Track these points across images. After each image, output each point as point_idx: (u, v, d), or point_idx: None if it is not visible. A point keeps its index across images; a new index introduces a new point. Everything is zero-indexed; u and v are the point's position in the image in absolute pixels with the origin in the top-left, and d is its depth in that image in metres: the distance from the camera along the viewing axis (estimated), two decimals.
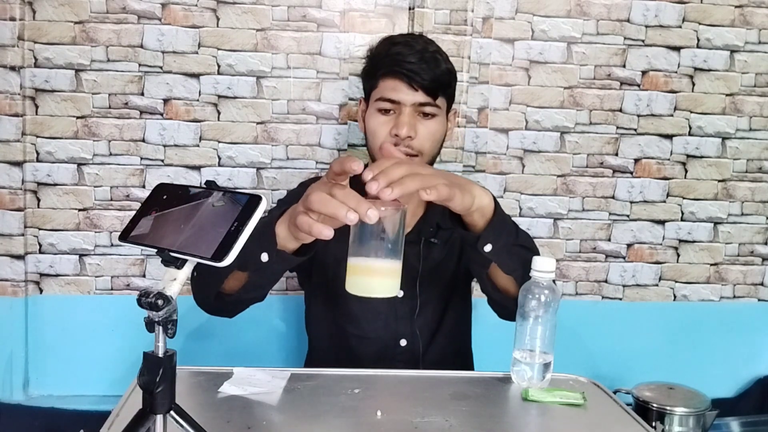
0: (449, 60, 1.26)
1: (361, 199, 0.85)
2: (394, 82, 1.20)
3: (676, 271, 1.84)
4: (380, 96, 1.22)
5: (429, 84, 1.19)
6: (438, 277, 1.32)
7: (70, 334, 1.67)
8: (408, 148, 1.20)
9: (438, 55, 1.23)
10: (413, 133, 1.20)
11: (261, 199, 0.65)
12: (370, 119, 1.25)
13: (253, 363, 1.13)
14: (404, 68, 1.19)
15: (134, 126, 1.64)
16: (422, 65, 1.19)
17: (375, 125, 1.23)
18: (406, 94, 1.20)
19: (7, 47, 1.56)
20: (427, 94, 1.20)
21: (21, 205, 1.62)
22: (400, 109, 1.21)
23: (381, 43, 1.27)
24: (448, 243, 1.33)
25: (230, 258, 0.62)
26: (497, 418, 0.96)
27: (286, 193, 1.38)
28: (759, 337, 1.87)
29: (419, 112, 1.21)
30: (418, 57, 1.19)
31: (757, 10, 1.75)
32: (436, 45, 1.26)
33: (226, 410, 0.93)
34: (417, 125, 1.21)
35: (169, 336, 0.65)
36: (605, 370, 1.73)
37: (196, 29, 1.63)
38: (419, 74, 1.18)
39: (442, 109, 1.25)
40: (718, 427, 1.57)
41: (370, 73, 1.26)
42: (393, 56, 1.20)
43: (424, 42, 1.24)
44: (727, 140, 1.80)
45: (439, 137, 1.26)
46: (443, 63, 1.23)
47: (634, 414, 0.97)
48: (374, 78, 1.24)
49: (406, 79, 1.19)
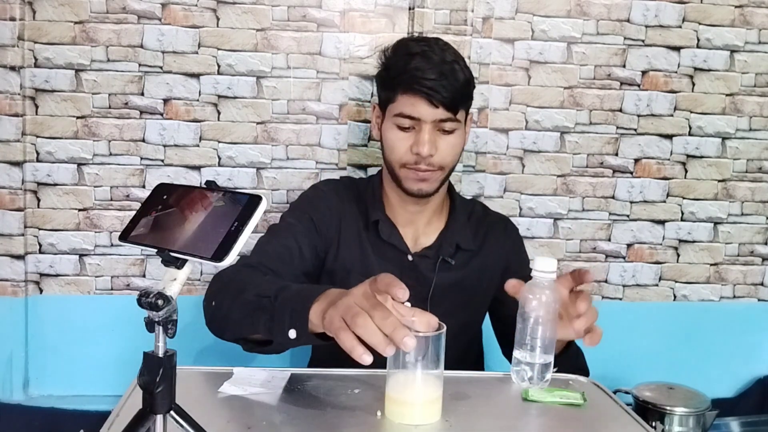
0: (466, 66, 1.24)
1: (398, 325, 0.78)
2: (413, 99, 1.19)
3: (676, 271, 1.84)
4: (399, 112, 1.21)
5: (449, 101, 1.18)
6: (451, 297, 1.31)
7: (70, 334, 1.67)
8: (429, 166, 1.21)
9: (456, 65, 1.21)
10: (434, 151, 1.20)
11: (261, 199, 0.65)
12: (388, 132, 1.24)
13: (253, 363, 1.14)
14: (424, 86, 1.17)
15: (134, 126, 1.64)
16: (442, 81, 1.17)
17: (394, 140, 1.23)
18: (426, 111, 1.18)
19: (7, 47, 1.56)
20: (447, 110, 1.19)
21: (21, 205, 1.62)
22: (420, 126, 1.20)
23: (397, 53, 1.24)
24: (468, 266, 1.32)
25: (230, 258, 0.62)
26: (497, 418, 0.96)
27: (299, 197, 1.36)
28: (759, 337, 1.87)
29: (439, 128, 1.21)
30: (437, 72, 1.17)
31: (757, 10, 1.75)
32: (452, 50, 1.24)
33: (226, 410, 0.93)
34: (438, 141, 1.20)
35: (169, 336, 0.65)
36: (605, 370, 1.72)
37: (196, 29, 1.63)
38: (439, 92, 1.17)
39: (462, 121, 1.24)
40: (718, 427, 1.57)
41: (388, 85, 1.24)
42: (411, 72, 1.18)
43: (440, 50, 1.21)
44: (727, 140, 1.80)
45: (459, 150, 1.26)
46: (461, 73, 1.20)
47: (634, 414, 0.97)
48: (392, 91, 1.22)
49: (426, 97, 1.17)
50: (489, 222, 1.38)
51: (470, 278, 1.33)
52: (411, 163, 1.22)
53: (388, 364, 0.90)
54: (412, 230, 1.33)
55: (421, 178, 1.23)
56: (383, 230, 1.30)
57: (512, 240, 1.40)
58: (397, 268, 1.30)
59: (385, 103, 1.26)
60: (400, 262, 1.30)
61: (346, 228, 1.31)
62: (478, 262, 1.34)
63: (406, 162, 1.23)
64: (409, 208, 1.30)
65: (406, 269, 1.30)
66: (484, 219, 1.38)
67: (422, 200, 1.28)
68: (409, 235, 1.32)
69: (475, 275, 1.33)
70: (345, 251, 1.30)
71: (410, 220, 1.32)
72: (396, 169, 1.25)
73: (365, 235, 1.31)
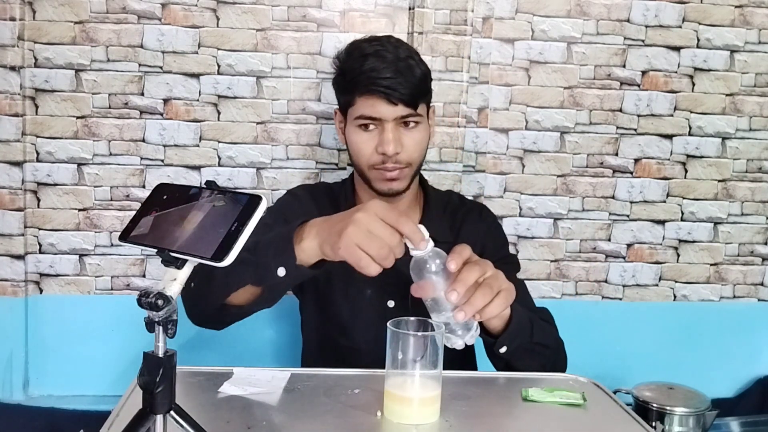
0: (421, 60, 1.23)
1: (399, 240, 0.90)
2: (372, 100, 1.18)
3: (676, 271, 1.84)
4: (360, 114, 1.20)
5: (408, 97, 1.17)
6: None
7: (70, 334, 1.67)
8: (397, 164, 1.20)
9: (411, 60, 1.20)
10: (399, 148, 1.19)
11: (261, 199, 0.65)
12: (351, 135, 1.23)
13: (253, 363, 1.13)
14: (381, 85, 1.16)
15: (134, 126, 1.64)
16: (399, 79, 1.16)
17: (358, 143, 1.22)
18: (386, 110, 1.18)
19: (7, 47, 1.56)
20: (408, 106, 1.18)
21: (21, 205, 1.62)
22: (382, 125, 1.19)
23: (351, 55, 1.22)
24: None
25: (230, 258, 0.62)
26: (497, 418, 0.96)
27: (276, 202, 1.36)
28: (759, 337, 1.87)
29: (401, 123, 1.20)
30: (393, 70, 1.16)
31: (757, 10, 1.75)
32: (405, 47, 1.23)
33: (226, 410, 0.93)
34: (402, 138, 1.20)
35: (169, 336, 0.65)
36: (605, 370, 1.72)
37: (196, 29, 1.63)
38: (397, 90, 1.16)
39: (424, 114, 1.24)
40: (718, 427, 1.57)
41: (345, 89, 1.23)
42: (367, 73, 1.17)
43: (394, 48, 1.20)
44: (727, 140, 1.80)
45: (425, 144, 1.25)
46: (417, 68, 1.20)
47: (634, 414, 0.97)
48: (350, 95, 1.21)
49: (385, 96, 1.17)
50: (464, 211, 1.37)
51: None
52: (378, 164, 1.21)
53: (387, 364, 0.91)
54: None
55: (390, 177, 1.22)
56: None
57: (487, 223, 1.37)
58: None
59: (345, 107, 1.25)
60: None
61: None
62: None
63: (374, 163, 1.22)
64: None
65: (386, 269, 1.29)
66: (460, 208, 1.37)
67: (395, 198, 1.27)
68: None
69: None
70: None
71: None
72: (365, 171, 1.24)
73: None
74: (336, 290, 1.31)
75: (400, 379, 0.90)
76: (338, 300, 1.31)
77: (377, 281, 1.29)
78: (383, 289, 1.29)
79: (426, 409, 0.91)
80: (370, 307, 1.29)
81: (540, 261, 1.79)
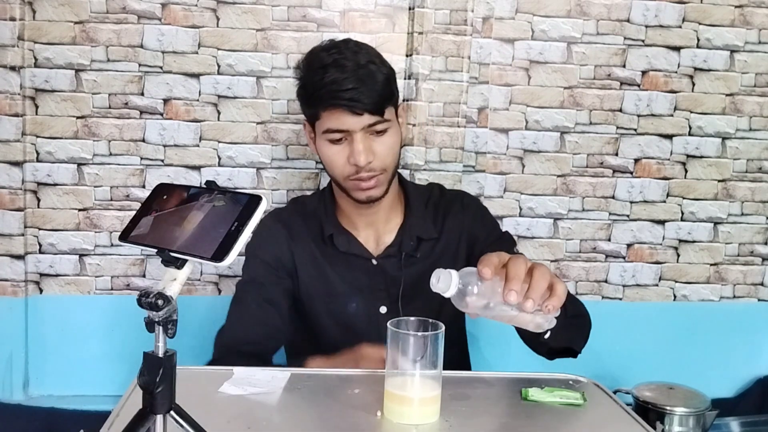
0: (383, 62, 1.20)
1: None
2: (336, 113, 1.16)
3: (676, 271, 1.84)
4: (327, 128, 1.18)
5: (373, 106, 1.15)
6: (422, 291, 1.27)
7: (70, 334, 1.67)
8: (371, 172, 1.19)
9: (371, 65, 1.17)
10: (371, 157, 1.18)
11: (261, 199, 0.65)
12: (322, 149, 1.22)
13: None
14: (344, 98, 1.14)
15: (134, 126, 1.64)
16: (361, 89, 1.13)
17: (330, 156, 1.21)
18: (352, 122, 1.16)
19: (7, 47, 1.56)
20: (374, 114, 1.16)
21: (21, 205, 1.62)
22: (351, 137, 1.17)
23: (310, 67, 1.19)
24: (432, 254, 1.30)
25: (230, 258, 0.62)
26: (497, 418, 0.96)
27: (246, 248, 1.30)
28: (759, 337, 1.87)
29: (371, 131, 1.18)
30: (354, 79, 1.13)
31: (757, 10, 1.75)
32: (365, 50, 1.19)
33: (226, 410, 0.93)
34: (372, 146, 1.18)
35: (169, 336, 0.65)
36: (605, 370, 1.72)
37: (196, 29, 1.63)
38: (360, 100, 1.14)
39: (392, 118, 1.21)
40: (718, 427, 1.57)
41: (309, 103, 1.21)
42: (328, 87, 1.14)
43: (353, 54, 1.16)
44: (727, 140, 1.80)
45: (397, 147, 1.23)
46: (379, 73, 1.17)
47: (634, 414, 0.97)
48: (315, 108, 1.19)
49: (349, 109, 1.14)
50: (446, 202, 1.35)
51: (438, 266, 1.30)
52: (353, 175, 1.19)
53: (387, 364, 0.91)
54: (372, 232, 1.31)
55: (366, 187, 1.20)
56: (339, 242, 1.28)
57: (471, 211, 1.36)
58: (364, 275, 1.29)
59: (311, 120, 1.23)
60: (365, 268, 1.29)
61: (299, 254, 1.29)
62: (441, 247, 1.31)
63: (348, 174, 1.20)
64: (363, 212, 1.28)
65: (373, 274, 1.29)
66: (441, 201, 1.35)
67: (375, 204, 1.26)
68: (370, 238, 1.31)
69: (442, 261, 1.30)
70: (305, 277, 1.30)
71: (369, 223, 1.30)
72: (340, 182, 1.23)
73: (321, 253, 1.29)
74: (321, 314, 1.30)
75: (400, 379, 0.90)
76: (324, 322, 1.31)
77: (366, 290, 1.29)
78: (374, 295, 1.29)
79: (426, 408, 0.91)
80: (363, 316, 1.29)
81: (540, 261, 1.79)
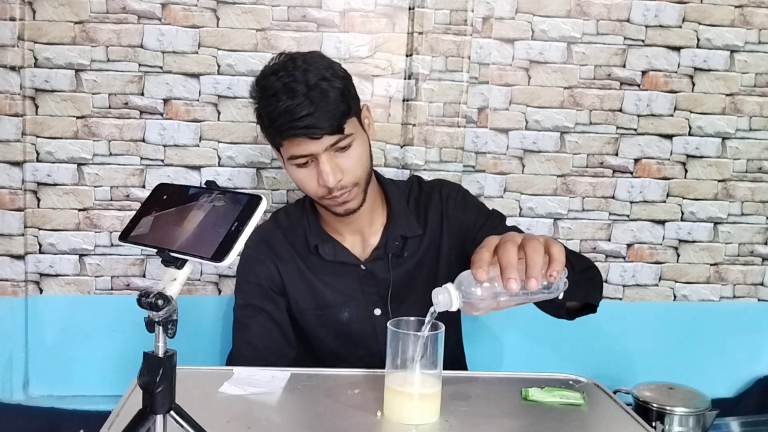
0: (335, 73, 1.16)
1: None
2: (296, 141, 1.14)
3: (676, 271, 1.84)
4: (290, 155, 1.17)
5: (330, 128, 1.13)
6: (412, 290, 1.29)
7: (70, 334, 1.67)
8: (343, 188, 1.18)
9: (323, 82, 1.13)
10: (340, 176, 1.16)
11: (261, 199, 0.65)
12: (292, 172, 1.21)
13: None
14: (299, 127, 1.11)
15: (134, 126, 1.64)
16: (316, 113, 1.11)
17: (300, 179, 1.20)
18: (313, 146, 1.14)
19: (7, 47, 1.56)
20: (334, 134, 1.14)
21: (21, 205, 1.62)
22: (317, 158, 1.16)
23: (263, 95, 1.16)
24: (419, 251, 1.30)
25: (230, 258, 0.62)
26: (497, 418, 0.96)
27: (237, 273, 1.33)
28: (759, 337, 1.87)
29: (335, 149, 1.16)
30: (307, 104, 1.11)
31: (757, 10, 1.75)
32: (315, 65, 1.15)
33: (226, 410, 0.93)
34: (339, 163, 1.17)
35: (169, 336, 0.65)
36: (605, 370, 1.72)
37: (196, 29, 1.63)
38: (317, 126, 1.11)
39: (354, 130, 1.18)
40: (718, 427, 1.57)
41: (268, 132, 1.19)
42: (283, 117, 1.12)
43: (303, 73, 1.13)
44: (727, 140, 1.80)
45: (366, 156, 1.21)
46: (332, 90, 1.13)
47: (634, 414, 0.97)
48: (274, 137, 1.18)
49: (307, 136, 1.12)
50: (425, 196, 1.34)
51: (426, 262, 1.30)
52: (326, 195, 1.19)
53: (387, 363, 0.91)
54: (358, 237, 1.31)
55: (341, 202, 1.20)
56: (325, 252, 1.28)
57: (451, 199, 1.33)
58: (354, 281, 1.29)
59: (275, 146, 1.22)
60: (354, 274, 1.29)
61: (285, 271, 1.29)
62: (427, 242, 1.31)
63: (322, 195, 1.19)
64: (346, 220, 1.28)
65: (363, 279, 1.29)
66: (420, 196, 1.34)
67: (355, 213, 1.25)
68: (357, 242, 1.31)
69: (430, 256, 1.30)
70: (294, 293, 1.30)
71: (353, 229, 1.30)
72: (316, 200, 1.24)
73: (308, 265, 1.29)
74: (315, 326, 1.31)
75: (401, 375, 0.90)
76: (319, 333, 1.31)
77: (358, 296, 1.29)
78: (366, 300, 1.29)
79: (426, 405, 0.91)
80: (358, 322, 1.29)
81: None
